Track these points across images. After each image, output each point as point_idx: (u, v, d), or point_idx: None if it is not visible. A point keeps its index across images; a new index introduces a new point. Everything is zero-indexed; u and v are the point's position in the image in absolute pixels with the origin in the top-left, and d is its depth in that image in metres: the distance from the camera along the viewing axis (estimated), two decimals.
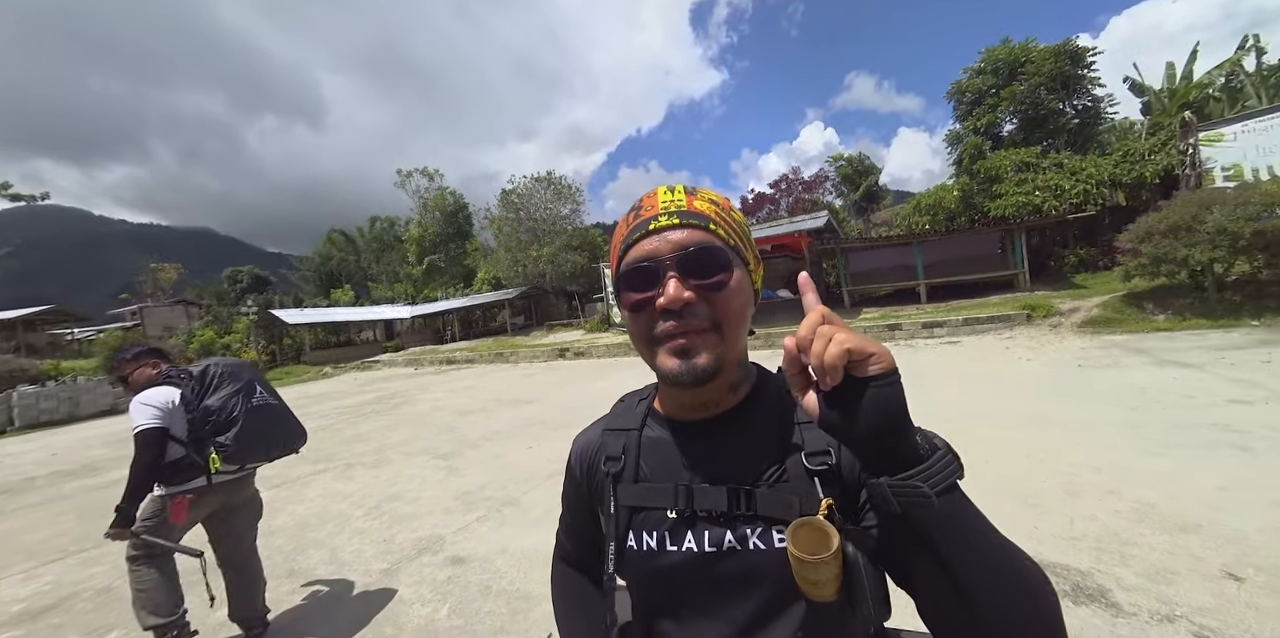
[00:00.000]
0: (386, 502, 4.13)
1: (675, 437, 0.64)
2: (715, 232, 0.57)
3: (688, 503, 0.59)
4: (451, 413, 8.16)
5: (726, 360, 0.57)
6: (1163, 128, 14.12)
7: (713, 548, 0.57)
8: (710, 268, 0.56)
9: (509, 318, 27.30)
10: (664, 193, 0.61)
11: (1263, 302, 7.27)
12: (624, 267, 0.58)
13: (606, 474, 0.66)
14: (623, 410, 0.72)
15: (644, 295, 0.56)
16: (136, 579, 2.16)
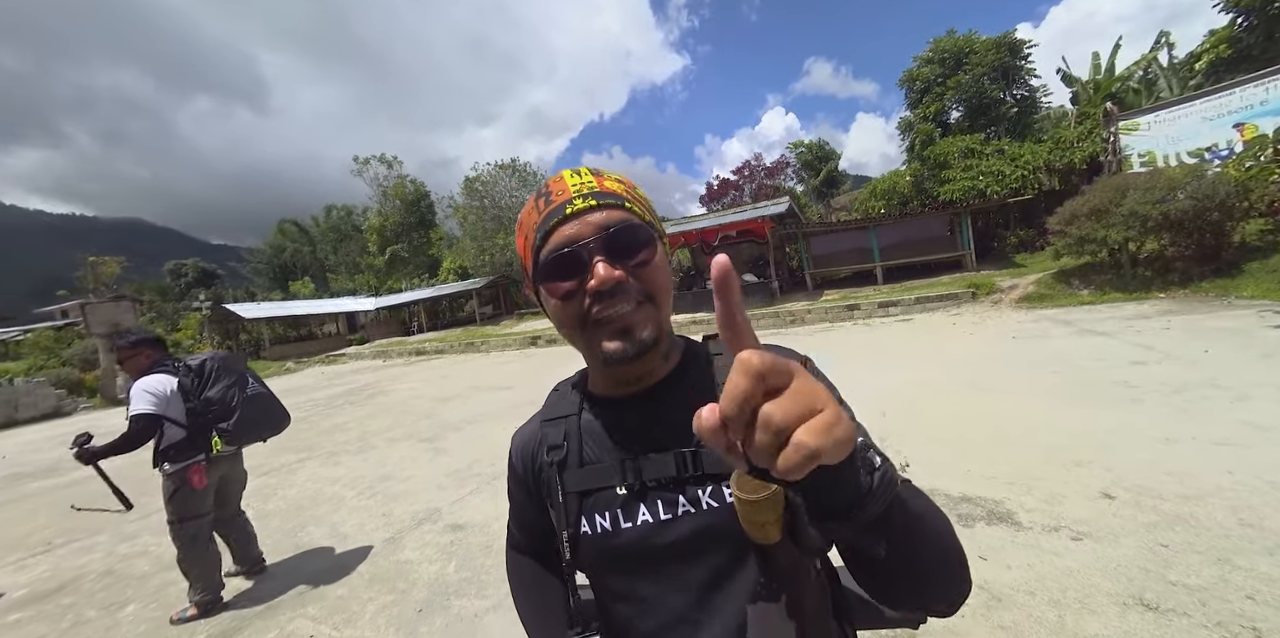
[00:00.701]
0: (379, 482, 4.31)
1: (613, 414, 0.64)
2: (631, 209, 0.58)
3: (636, 476, 0.59)
4: (429, 401, 8.26)
5: (664, 330, 0.59)
6: (1089, 117, 15.17)
7: (667, 515, 0.58)
8: (635, 245, 0.56)
9: (477, 307, 27.01)
10: (571, 176, 0.60)
11: (1168, 276, 8.14)
12: (545, 256, 0.57)
13: (550, 464, 0.65)
14: (557, 399, 0.72)
15: (572, 282, 0.56)
16: (189, 560, 2.49)
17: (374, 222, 37.47)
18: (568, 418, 0.67)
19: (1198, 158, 10.47)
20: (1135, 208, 7.92)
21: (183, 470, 2.45)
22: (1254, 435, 2.85)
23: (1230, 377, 3.86)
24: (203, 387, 2.53)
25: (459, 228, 32.66)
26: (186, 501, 2.48)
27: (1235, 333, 5.20)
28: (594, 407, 0.66)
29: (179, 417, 2.45)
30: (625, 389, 0.63)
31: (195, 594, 2.52)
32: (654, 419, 0.61)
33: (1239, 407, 3.29)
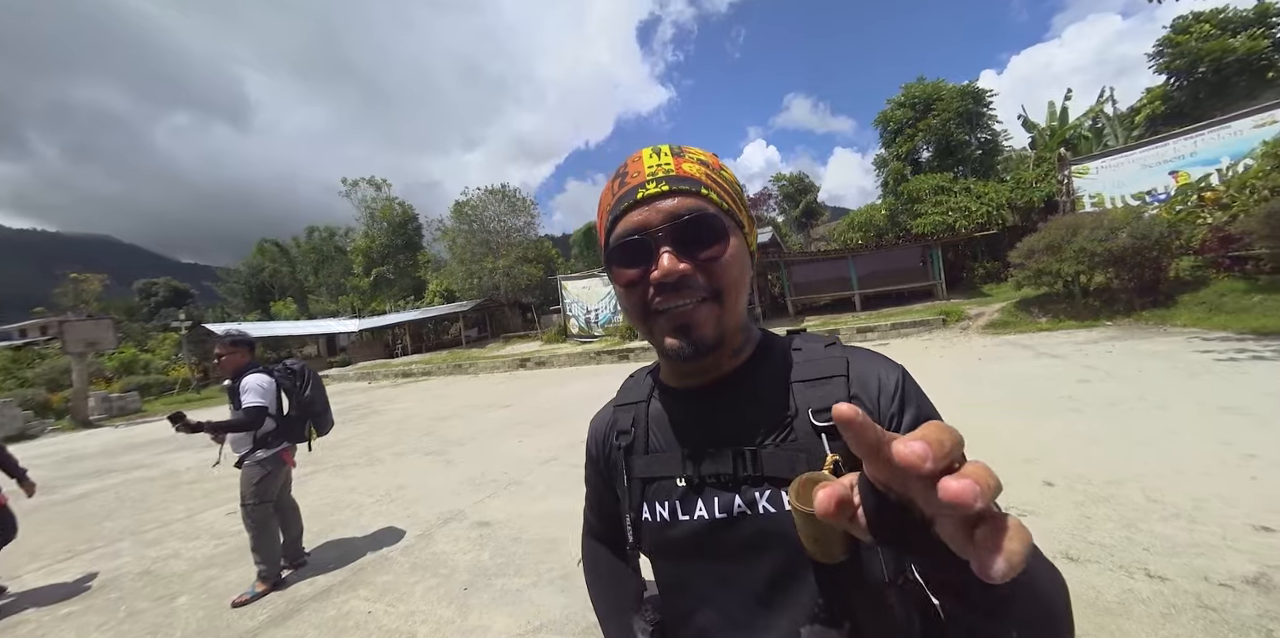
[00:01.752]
0: (395, 490, 4.55)
1: (680, 405, 0.64)
2: (708, 196, 0.55)
3: (695, 469, 0.58)
4: (426, 419, 8.45)
5: (728, 329, 0.56)
6: (1046, 160, 16.55)
7: (723, 514, 0.56)
8: (706, 237, 0.53)
9: (464, 330, 27.11)
10: (650, 156, 0.57)
11: (1114, 306, 8.95)
12: (614, 241, 0.56)
13: (618, 448, 0.66)
14: (631, 385, 0.73)
15: (637, 270, 0.54)
16: (263, 538, 2.87)
17: (360, 243, 37.58)
18: (638, 404, 0.67)
19: (1139, 200, 11.57)
20: (1084, 244, 8.77)
21: (276, 456, 2.89)
22: (1168, 438, 3.40)
23: (1156, 392, 4.45)
24: (304, 387, 3.03)
25: (446, 251, 33.01)
26: (270, 484, 2.89)
27: (1166, 356, 5.86)
28: (663, 395, 0.66)
29: (273, 411, 2.90)
30: (692, 381, 0.62)
31: (264, 571, 2.85)
32: (718, 414, 0.59)
33: (1159, 415, 3.86)
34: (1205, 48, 15.41)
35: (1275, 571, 1.96)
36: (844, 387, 0.55)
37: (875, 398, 0.54)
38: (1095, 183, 12.93)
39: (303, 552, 3.21)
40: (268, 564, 2.87)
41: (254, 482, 2.86)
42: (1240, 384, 4.45)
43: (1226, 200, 8.89)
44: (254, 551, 2.87)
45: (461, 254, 29.12)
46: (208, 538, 3.94)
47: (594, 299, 20.24)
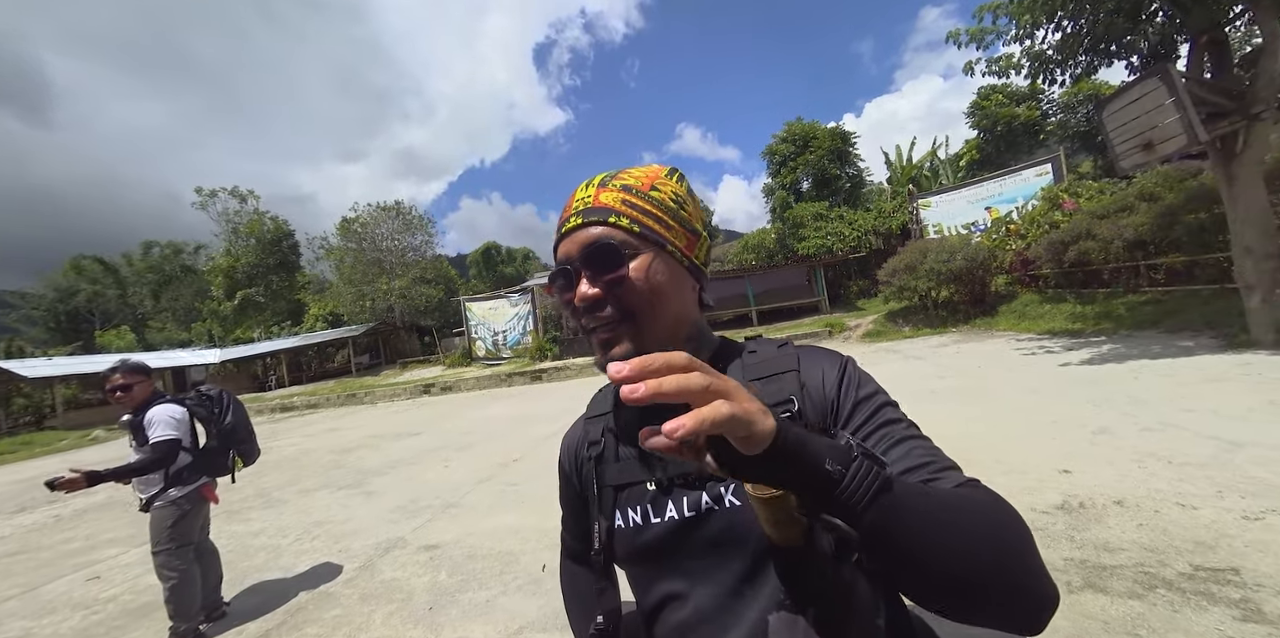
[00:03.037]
0: (314, 527, 4.19)
1: (644, 411, 0.62)
2: (616, 223, 0.58)
3: (663, 471, 0.60)
4: (328, 453, 7.72)
5: (649, 343, 0.58)
6: (899, 194, 19.61)
7: (691, 512, 0.58)
8: (607, 263, 0.57)
9: (354, 357, 24.77)
10: (581, 190, 0.63)
11: (956, 316, 10.89)
12: (552, 270, 0.62)
13: (589, 459, 0.68)
14: (600, 398, 0.75)
15: (567, 295, 0.60)
16: (183, 587, 2.55)
17: (221, 262, 32.87)
18: (605, 416, 0.70)
19: (966, 230, 14.21)
20: (932, 265, 10.60)
21: (194, 492, 2.58)
22: (1001, 414, 4.37)
23: (990, 382, 5.62)
24: (224, 413, 2.75)
25: (332, 271, 30.14)
26: (190, 525, 2.58)
27: (995, 354, 7.35)
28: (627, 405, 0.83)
29: (187, 443, 2.61)
30: None
31: (180, 627, 2.52)
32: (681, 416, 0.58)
33: (993, 399, 4.91)
34: (1000, 112, 19.51)
35: (1073, 498, 2.71)
36: (795, 381, 0.59)
37: (820, 386, 0.58)
38: (935, 214, 15.63)
39: (221, 601, 2.88)
40: (184, 619, 2.55)
41: (168, 524, 2.55)
42: (1039, 371, 5.77)
43: (1022, 231, 11.32)
44: (169, 603, 2.53)
45: (350, 274, 26.74)
46: (69, 610, 3.34)
47: (501, 320, 19.76)
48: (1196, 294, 7.46)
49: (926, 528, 0.39)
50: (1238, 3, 5.27)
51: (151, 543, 2.56)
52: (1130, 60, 6.18)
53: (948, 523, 0.40)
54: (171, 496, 2.55)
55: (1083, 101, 17.60)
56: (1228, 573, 1.97)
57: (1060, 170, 13.08)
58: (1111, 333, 7.35)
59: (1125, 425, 3.73)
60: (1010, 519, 0.42)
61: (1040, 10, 5.90)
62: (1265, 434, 3.21)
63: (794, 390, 0.58)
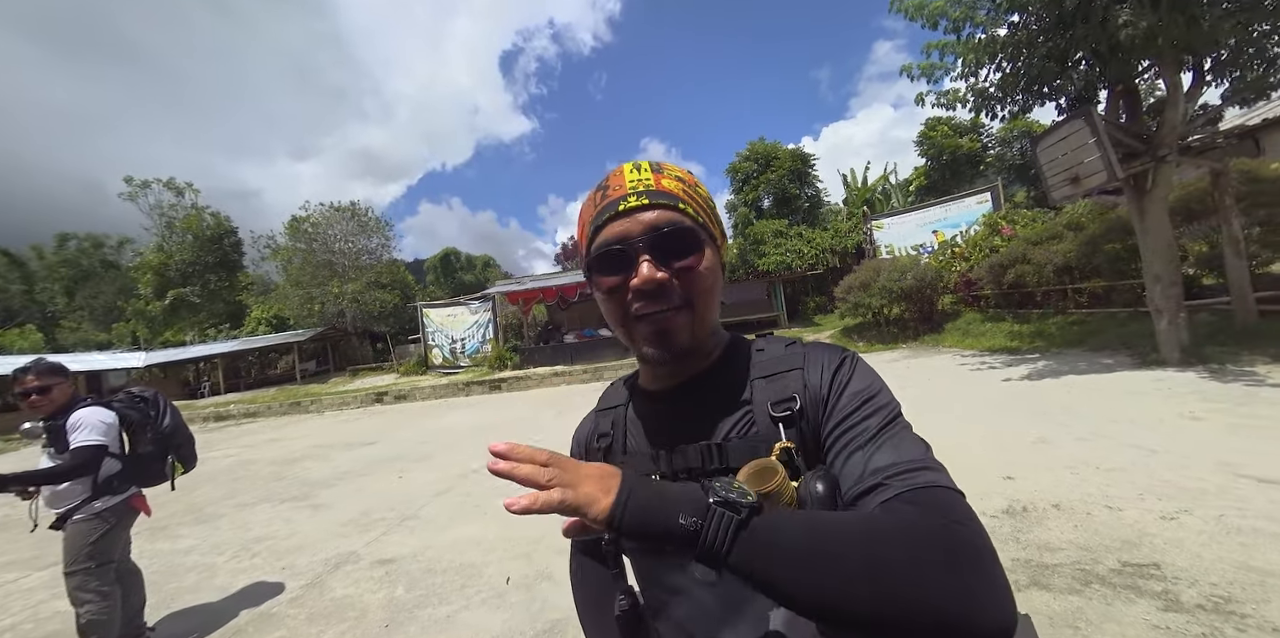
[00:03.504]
0: (254, 544, 3.91)
1: (654, 406, 0.67)
2: (685, 211, 0.58)
3: (668, 465, 0.60)
4: (269, 464, 7.24)
5: (700, 335, 0.60)
6: (854, 215, 20.58)
7: None
8: (682, 248, 0.57)
9: (299, 363, 23.43)
10: (631, 171, 0.61)
11: (907, 332, 11.46)
12: (596, 250, 0.59)
13: (599, 451, 0.69)
14: (611, 391, 0.76)
15: (618, 278, 0.57)
16: (107, 612, 2.29)
17: (151, 258, 30.53)
18: (616, 408, 0.71)
19: (916, 251, 15.04)
20: (885, 283, 11.14)
21: (123, 504, 2.35)
22: (951, 426, 4.61)
23: (939, 395, 5.92)
24: (161, 416, 2.53)
25: (278, 272, 28.54)
26: (114, 541, 2.33)
27: (942, 369, 7.77)
28: (639, 398, 0.69)
29: (115, 450, 2.37)
30: (665, 383, 0.66)
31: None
32: (688, 412, 0.63)
33: (944, 412, 5.17)
34: (946, 143, 20.92)
35: (1016, 503, 2.90)
36: (800, 379, 0.59)
37: (818, 383, 0.58)
38: (887, 235, 16.49)
39: (145, 627, 2.62)
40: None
41: (90, 540, 2.28)
42: (983, 385, 6.16)
43: (966, 254, 12.10)
44: (85, 632, 2.25)
45: (298, 276, 25.40)
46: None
47: (460, 328, 19.24)
48: (1114, 316, 8.18)
49: (793, 569, 0.39)
50: (1145, 59, 5.92)
51: (65, 562, 2.28)
52: (1059, 102, 6.80)
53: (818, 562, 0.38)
54: (96, 508, 2.31)
55: (1018, 137, 19.14)
56: (1150, 568, 2.16)
57: (999, 199, 14.12)
58: (1044, 351, 7.94)
59: (1060, 435, 4.03)
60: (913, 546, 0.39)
61: (983, 52, 6.43)
62: (1175, 442, 3.54)
63: (797, 389, 0.58)
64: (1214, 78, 6.19)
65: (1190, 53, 5.76)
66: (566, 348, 16.76)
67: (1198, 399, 4.52)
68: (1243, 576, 2.02)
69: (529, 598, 2.56)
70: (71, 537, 2.28)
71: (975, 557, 0.39)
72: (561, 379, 13.93)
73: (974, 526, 0.43)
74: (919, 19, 6.56)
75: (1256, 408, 4.08)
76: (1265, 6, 5.23)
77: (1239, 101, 6.63)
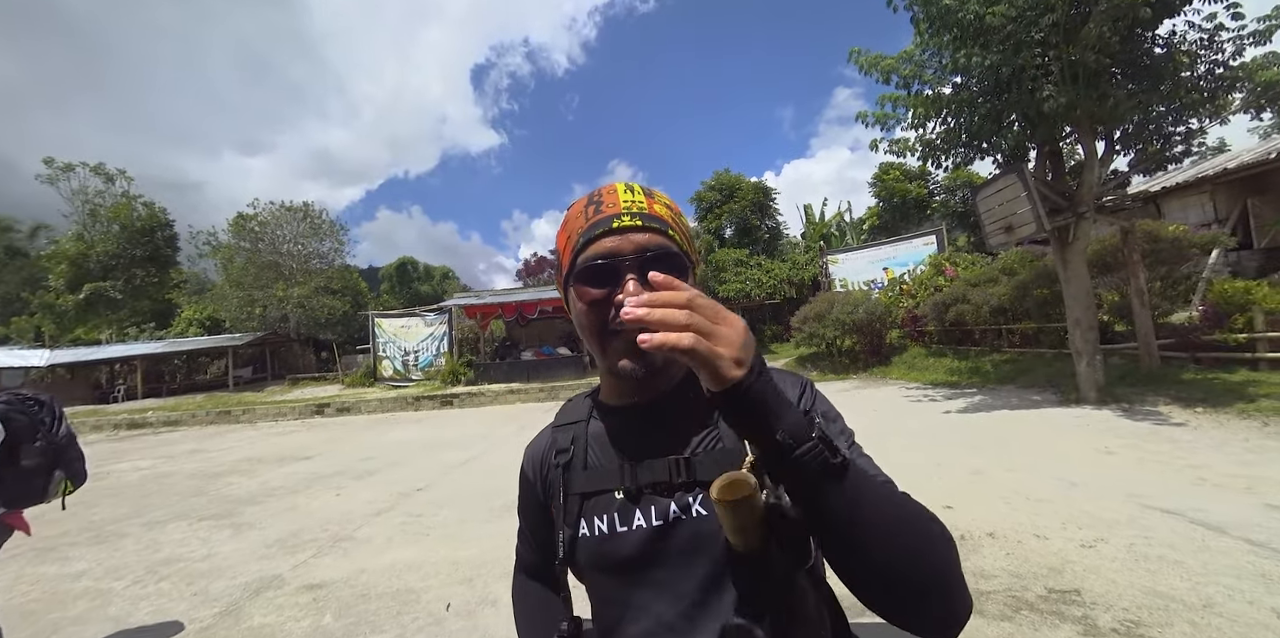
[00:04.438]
0: (160, 566, 3.54)
1: (619, 422, 0.67)
2: (673, 237, 0.61)
3: (633, 480, 0.61)
4: (188, 478, 6.63)
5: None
6: (811, 248, 21.54)
7: (659, 521, 0.59)
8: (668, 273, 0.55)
9: (233, 369, 21.83)
10: (625, 191, 0.63)
11: (857, 363, 11.96)
12: (582, 261, 0.60)
13: (556, 466, 0.68)
14: (570, 407, 0.75)
15: (602, 291, 0.59)
16: None
17: (68, 248, 28.03)
18: (576, 424, 0.71)
19: (868, 286, 15.84)
20: (839, 315, 11.64)
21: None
22: (893, 455, 4.78)
23: (885, 425, 6.18)
24: (56, 424, 2.19)
25: (216, 270, 26.78)
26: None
27: (887, 399, 8.13)
28: (602, 414, 0.70)
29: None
30: (629, 399, 0.67)
31: None
32: (654, 428, 0.64)
33: (887, 441, 5.39)
34: (896, 187, 22.43)
35: (955, 531, 3.01)
36: None
37: None
38: (841, 270, 17.31)
39: None
40: None
41: None
42: (925, 417, 6.48)
43: (913, 292, 12.86)
44: None
45: (239, 277, 23.92)
46: None
47: (414, 340, 18.55)
48: (1042, 356, 8.86)
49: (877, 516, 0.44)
50: (1067, 125, 6.65)
51: None
52: (996, 157, 7.48)
53: (897, 517, 0.45)
54: None
55: (960, 186, 20.76)
56: (1072, 594, 2.30)
57: (942, 242, 15.18)
58: (981, 386, 8.46)
59: (994, 467, 4.27)
60: (944, 530, 0.47)
61: (930, 107, 7.03)
62: (1093, 475, 3.83)
63: None
64: (1122, 148, 7.01)
65: (1102, 124, 6.50)
66: (523, 365, 16.42)
67: (1111, 435, 4.93)
68: (1150, 600, 2.19)
69: (470, 626, 2.44)
70: None
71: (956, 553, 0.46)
72: (517, 397, 13.60)
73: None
74: (873, 74, 7.11)
75: (1160, 445, 4.49)
76: (1161, 91, 6.01)
77: (1142, 171, 7.51)
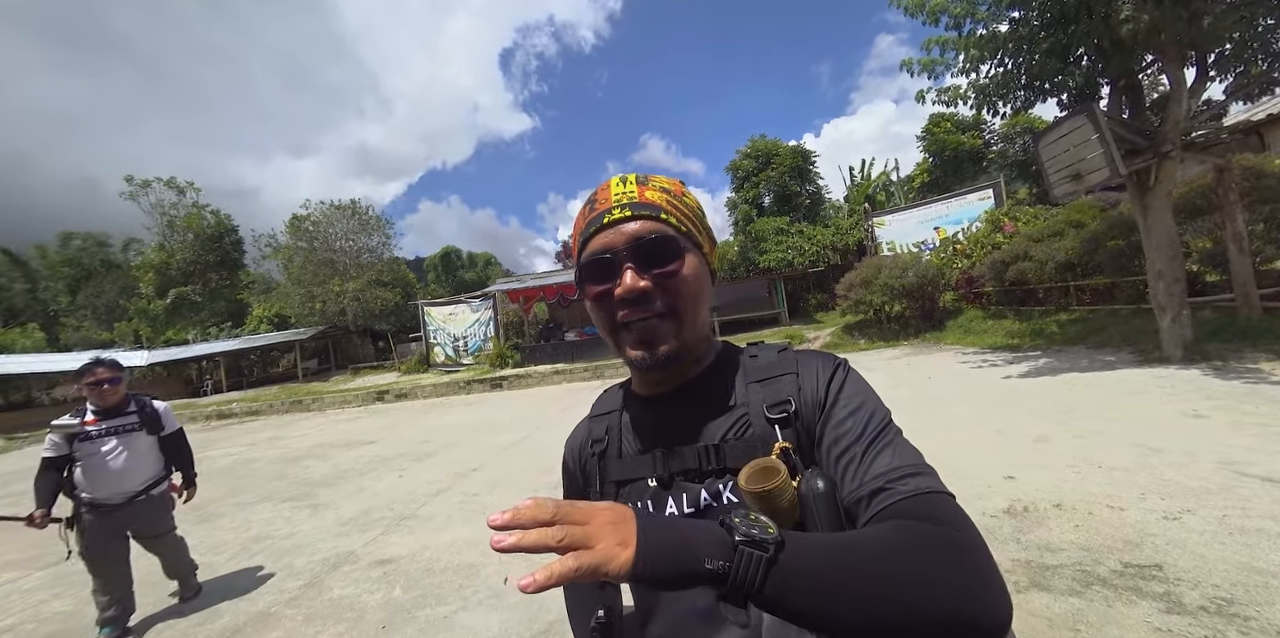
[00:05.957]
0: (253, 543, 3.91)
1: (649, 411, 0.68)
2: (667, 221, 0.61)
3: (664, 468, 0.61)
4: (270, 463, 7.25)
5: (687, 341, 0.61)
6: (855, 212, 20.50)
7: (691, 509, 0.59)
8: (663, 257, 0.59)
9: (300, 362, 23.49)
10: (617, 185, 0.63)
11: (908, 329, 11.42)
12: (583, 260, 0.61)
13: (593, 456, 0.69)
14: (605, 398, 0.77)
15: (604, 286, 0.59)
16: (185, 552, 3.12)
17: (152, 257, 30.62)
18: (610, 414, 0.72)
19: (917, 248, 14.98)
20: (886, 281, 11.10)
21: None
22: (951, 424, 4.59)
23: (940, 393, 5.90)
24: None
25: (279, 270, 28.57)
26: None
27: (942, 366, 7.74)
28: (633, 404, 0.71)
29: None
30: (659, 388, 0.68)
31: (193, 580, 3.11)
32: (684, 416, 0.64)
33: (943, 409, 5.16)
34: (948, 139, 20.82)
35: (1017, 503, 2.88)
36: (794, 383, 0.60)
37: (814, 388, 0.60)
38: (889, 232, 16.42)
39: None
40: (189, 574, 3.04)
41: (172, 506, 2.92)
42: (984, 383, 6.13)
43: (968, 252, 12.05)
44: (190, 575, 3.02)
45: (299, 275, 25.43)
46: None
47: (461, 326, 19.25)
48: (1117, 313, 8.14)
49: (820, 599, 0.39)
50: (1148, 54, 5.87)
51: (162, 526, 2.88)
52: (1061, 98, 6.74)
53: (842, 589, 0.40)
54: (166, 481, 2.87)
55: (1020, 133, 19.03)
56: (1152, 569, 2.14)
57: (1000, 196, 14.05)
58: (1046, 348, 7.90)
59: (1061, 433, 4.00)
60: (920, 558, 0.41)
61: (984, 48, 6.38)
62: (1178, 441, 3.51)
63: (791, 392, 0.59)
64: (1217, 73, 6.12)
65: (1193, 48, 5.69)
66: (567, 346, 16.76)
67: (1201, 397, 4.49)
68: (1246, 577, 2.00)
69: (526, 599, 2.55)
70: (159, 504, 2.83)
71: (973, 560, 0.42)
72: (563, 377, 13.93)
73: (968, 529, 0.45)
74: (919, 15, 6.50)
75: (1259, 406, 4.05)
76: (1270, 1, 5.16)
77: (1243, 97, 6.57)
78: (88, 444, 2.59)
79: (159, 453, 2.82)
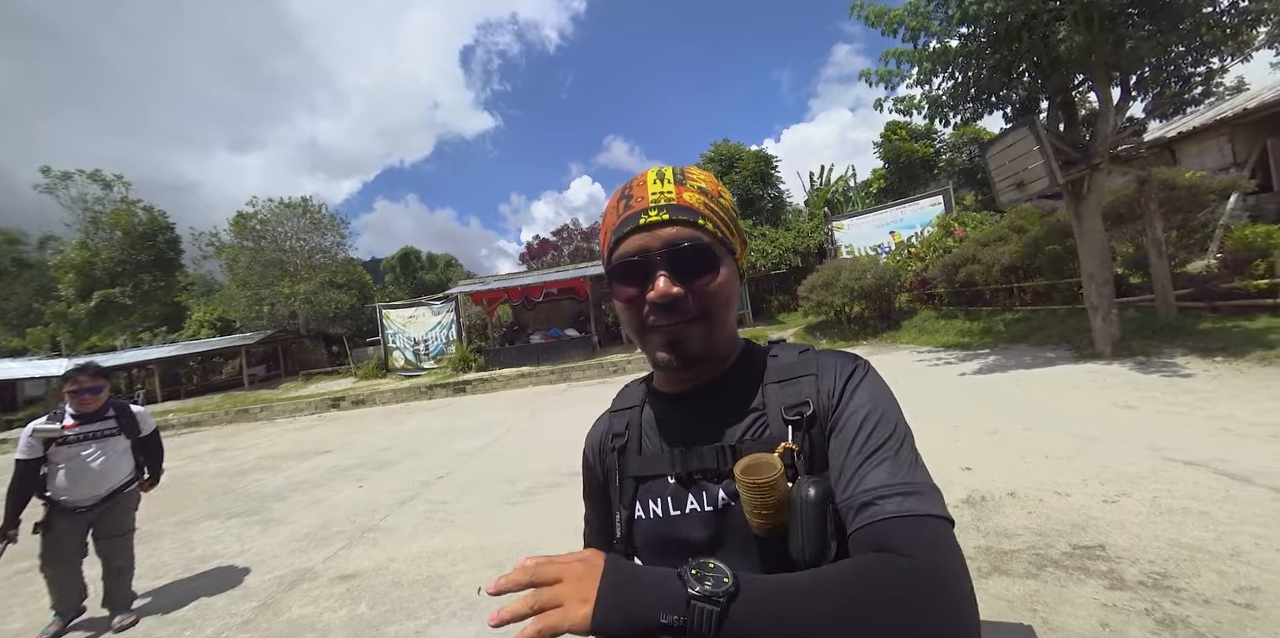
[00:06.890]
0: (197, 563, 3.65)
1: (670, 408, 0.68)
2: (704, 226, 0.60)
3: (683, 466, 0.61)
4: (213, 477, 6.80)
5: (714, 345, 0.62)
6: (815, 216, 21.15)
7: (709, 507, 0.59)
8: (699, 266, 0.58)
9: (247, 368, 22.15)
10: (654, 182, 0.62)
11: (866, 329, 11.88)
12: (615, 260, 0.61)
13: (613, 450, 0.70)
14: (626, 393, 0.77)
15: (635, 289, 0.59)
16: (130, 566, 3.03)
17: (73, 256, 28.07)
18: (632, 409, 0.72)
19: (875, 251, 15.59)
20: (846, 282, 11.49)
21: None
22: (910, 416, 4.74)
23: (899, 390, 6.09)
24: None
25: (222, 271, 26.88)
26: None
27: (900, 364, 8.09)
28: (655, 401, 0.71)
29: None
30: (682, 386, 0.68)
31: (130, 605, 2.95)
32: (704, 415, 0.64)
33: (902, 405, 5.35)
34: (902, 147, 21.79)
35: (975, 493, 3.04)
36: (813, 384, 0.60)
37: (829, 391, 0.60)
38: (847, 236, 17.02)
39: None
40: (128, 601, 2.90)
41: (137, 507, 2.92)
42: (939, 380, 6.44)
43: (921, 255, 12.64)
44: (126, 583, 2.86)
45: (245, 276, 24.02)
46: None
47: (422, 329, 18.65)
48: (1055, 313, 8.73)
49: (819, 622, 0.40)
50: (1080, 72, 6.34)
51: (124, 526, 2.81)
52: (1006, 111, 7.18)
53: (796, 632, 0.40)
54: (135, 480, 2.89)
55: (967, 143, 20.12)
56: (1097, 549, 2.30)
57: (950, 202, 14.81)
58: (993, 346, 8.38)
59: (1011, 426, 4.25)
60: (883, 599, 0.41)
61: (936, 61, 6.72)
62: (1112, 430, 3.80)
63: (810, 394, 0.59)
64: (1138, 93, 6.69)
65: (1118, 69, 6.19)
66: (533, 348, 16.50)
67: (1129, 389, 4.87)
68: (1176, 552, 2.18)
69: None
70: (128, 503, 2.85)
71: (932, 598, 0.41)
72: (529, 380, 13.71)
73: (942, 559, 0.44)
74: (879, 25, 6.78)
75: (1179, 396, 4.44)
76: (1181, 30, 5.68)
77: (1159, 115, 7.19)
78: (65, 448, 2.60)
79: (133, 454, 2.88)
